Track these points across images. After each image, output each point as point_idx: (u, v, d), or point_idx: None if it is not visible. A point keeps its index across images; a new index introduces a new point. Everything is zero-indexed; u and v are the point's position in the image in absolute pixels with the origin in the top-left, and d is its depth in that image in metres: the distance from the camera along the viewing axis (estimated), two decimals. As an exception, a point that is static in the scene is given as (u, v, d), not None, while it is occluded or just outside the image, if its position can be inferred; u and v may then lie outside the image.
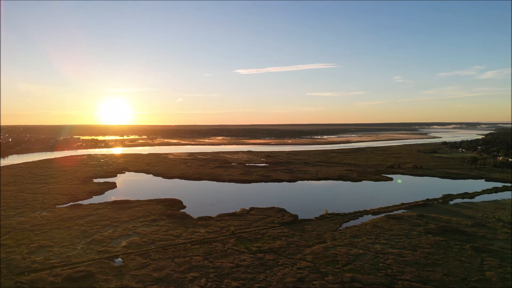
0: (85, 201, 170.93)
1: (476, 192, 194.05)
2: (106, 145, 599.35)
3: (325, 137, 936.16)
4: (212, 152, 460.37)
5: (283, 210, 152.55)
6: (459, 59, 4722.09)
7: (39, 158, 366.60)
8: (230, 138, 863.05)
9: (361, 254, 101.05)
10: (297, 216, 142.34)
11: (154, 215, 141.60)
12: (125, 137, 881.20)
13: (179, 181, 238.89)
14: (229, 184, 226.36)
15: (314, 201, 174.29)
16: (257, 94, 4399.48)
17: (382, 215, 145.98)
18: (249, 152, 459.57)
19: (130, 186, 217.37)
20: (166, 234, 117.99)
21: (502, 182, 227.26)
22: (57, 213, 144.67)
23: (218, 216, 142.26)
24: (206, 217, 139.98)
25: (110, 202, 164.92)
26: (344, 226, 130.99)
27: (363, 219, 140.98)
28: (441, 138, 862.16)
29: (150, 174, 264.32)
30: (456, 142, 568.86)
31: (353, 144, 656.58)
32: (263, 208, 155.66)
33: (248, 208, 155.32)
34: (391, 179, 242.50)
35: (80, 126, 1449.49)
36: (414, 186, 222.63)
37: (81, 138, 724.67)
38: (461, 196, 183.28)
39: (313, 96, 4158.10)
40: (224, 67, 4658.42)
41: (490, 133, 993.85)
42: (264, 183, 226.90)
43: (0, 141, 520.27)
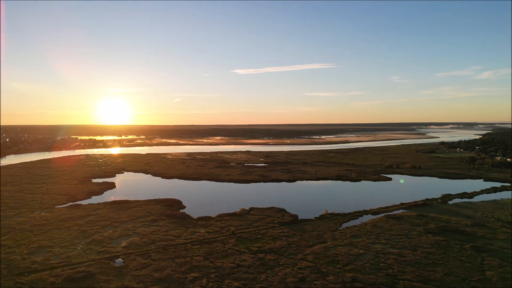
0: (84, 201, 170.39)
1: (475, 192, 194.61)
2: (104, 145, 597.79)
3: (323, 137, 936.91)
4: (210, 152, 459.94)
5: (283, 210, 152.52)
6: (457, 60, 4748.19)
7: (37, 158, 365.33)
8: (228, 138, 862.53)
9: (361, 254, 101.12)
10: (297, 216, 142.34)
11: (153, 215, 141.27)
12: (123, 137, 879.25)
13: (178, 181, 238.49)
14: (228, 184, 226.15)
15: (314, 201, 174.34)
16: (255, 94, 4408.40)
17: (382, 215, 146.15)
18: (247, 152, 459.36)
19: (129, 186, 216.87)
20: (166, 234, 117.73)
21: (501, 182, 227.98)
22: (56, 213, 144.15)
23: (218, 216, 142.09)
24: (206, 217, 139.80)
25: (110, 202, 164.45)
26: (344, 226, 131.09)
27: (363, 219, 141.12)
28: (439, 138, 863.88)
29: (149, 174, 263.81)
30: (454, 142, 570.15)
31: (351, 144, 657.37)
32: (263, 208, 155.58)
33: (248, 208, 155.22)
34: (390, 179, 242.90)
35: (78, 126, 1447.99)
36: (413, 186, 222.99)
37: (79, 138, 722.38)
38: (460, 196, 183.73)
39: (311, 96, 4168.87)
40: (222, 67, 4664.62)
41: (487, 133, 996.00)
42: (263, 183, 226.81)
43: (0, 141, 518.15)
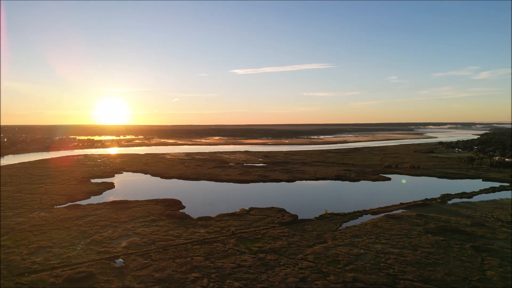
0: (83, 201, 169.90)
1: (474, 191, 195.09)
2: (102, 145, 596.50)
3: (321, 137, 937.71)
4: (209, 152, 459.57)
5: (283, 210, 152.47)
6: (455, 60, 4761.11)
7: (36, 158, 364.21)
8: (227, 138, 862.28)
9: (362, 254, 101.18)
10: (297, 216, 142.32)
11: (153, 216, 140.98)
12: (121, 137, 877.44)
13: (177, 181, 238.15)
14: (227, 184, 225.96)
15: (313, 201, 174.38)
16: (253, 94, 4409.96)
17: (381, 215, 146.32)
18: (246, 152, 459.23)
19: (128, 186, 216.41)
20: (166, 234, 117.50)
21: (499, 182, 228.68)
22: (55, 213, 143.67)
23: (218, 216, 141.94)
24: (206, 217, 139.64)
25: (109, 202, 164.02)
26: (344, 226, 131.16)
27: (363, 219, 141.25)
28: (437, 138, 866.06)
29: (148, 174, 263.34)
30: (452, 142, 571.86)
31: (350, 144, 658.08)
32: (263, 208, 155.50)
33: (247, 208, 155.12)
34: (389, 179, 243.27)
35: (75, 126, 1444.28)
36: (412, 186, 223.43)
37: (77, 138, 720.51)
38: (459, 195, 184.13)
39: (309, 96, 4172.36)
40: (221, 67, 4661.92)
41: (485, 133, 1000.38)
42: (262, 183, 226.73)
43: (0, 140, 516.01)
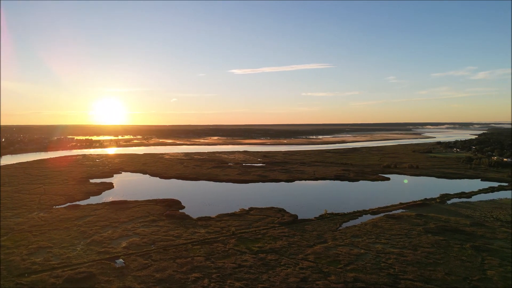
0: (82, 201, 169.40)
1: (472, 191, 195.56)
2: (100, 145, 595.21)
3: (320, 137, 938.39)
4: (208, 152, 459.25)
5: (283, 210, 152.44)
6: (452, 60, 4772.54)
7: (34, 159, 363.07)
8: (225, 138, 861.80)
9: (362, 254, 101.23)
10: (296, 216, 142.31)
11: (153, 216, 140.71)
12: (119, 137, 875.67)
13: (177, 181, 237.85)
14: (226, 184, 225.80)
15: (313, 201, 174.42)
16: (252, 94, 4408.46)
17: (381, 215, 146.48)
18: (245, 152, 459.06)
19: (127, 186, 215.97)
20: (167, 234, 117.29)
21: (498, 181, 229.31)
22: (54, 213, 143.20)
23: (218, 216, 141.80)
24: (205, 217, 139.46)
25: (108, 202, 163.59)
26: (344, 226, 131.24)
27: (363, 219, 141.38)
28: (435, 138, 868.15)
29: (147, 174, 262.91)
30: (450, 142, 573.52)
31: (348, 144, 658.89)
32: (263, 208, 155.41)
33: (247, 208, 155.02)
34: (388, 179, 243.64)
35: (73, 126, 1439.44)
36: (412, 186, 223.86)
37: (75, 138, 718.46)
38: (458, 195, 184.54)
39: (308, 96, 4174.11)
40: (218, 67, 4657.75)
41: (483, 133, 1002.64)
42: (262, 183, 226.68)
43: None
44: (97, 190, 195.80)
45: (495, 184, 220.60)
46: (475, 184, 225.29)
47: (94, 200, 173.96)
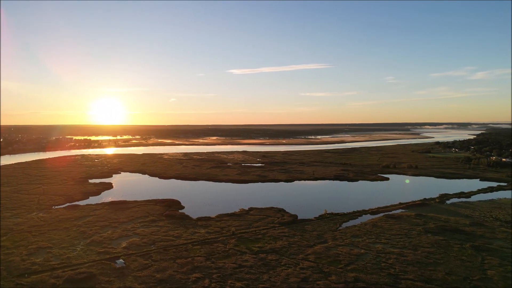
0: (81, 201, 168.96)
1: (472, 191, 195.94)
2: (99, 145, 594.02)
3: (319, 137, 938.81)
4: (207, 152, 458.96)
5: (282, 210, 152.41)
6: (451, 60, 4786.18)
7: (32, 159, 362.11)
8: (224, 138, 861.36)
9: (363, 254, 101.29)
10: (296, 216, 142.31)
11: (153, 216, 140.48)
12: (118, 137, 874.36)
13: (176, 181, 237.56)
14: (226, 184, 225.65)
15: (313, 201, 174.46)
16: (251, 94, 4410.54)
17: (381, 215, 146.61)
18: (244, 152, 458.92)
19: (127, 186, 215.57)
20: (166, 234, 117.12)
21: (497, 181, 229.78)
22: (54, 214, 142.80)
23: (218, 216, 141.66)
24: (205, 217, 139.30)
25: (108, 202, 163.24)
26: (344, 226, 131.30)
27: (362, 219, 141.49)
28: (433, 138, 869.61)
29: (146, 175, 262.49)
30: (449, 142, 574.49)
31: (347, 144, 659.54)
32: (262, 208, 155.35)
33: (247, 208, 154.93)
34: (388, 179, 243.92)
35: (72, 126, 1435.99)
36: (411, 186, 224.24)
37: (73, 138, 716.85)
38: (457, 195, 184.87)
39: (306, 96, 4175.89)
40: (217, 67, 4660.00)
41: (481, 133, 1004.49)
42: (261, 183, 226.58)
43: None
44: (96, 190, 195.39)
45: (494, 184, 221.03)
46: (474, 184, 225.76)
47: (93, 200, 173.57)
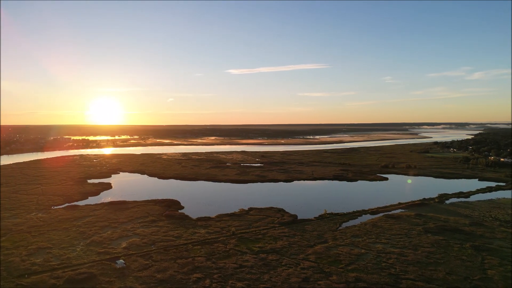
0: (80, 202, 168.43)
1: (470, 191, 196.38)
2: (97, 145, 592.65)
3: (317, 137, 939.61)
4: (206, 152, 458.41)
5: (282, 210, 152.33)
6: (448, 60, 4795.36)
7: (30, 159, 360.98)
8: (223, 138, 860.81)
9: (363, 253, 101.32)
10: (296, 216, 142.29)
11: (152, 216, 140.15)
12: (116, 137, 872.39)
13: (175, 181, 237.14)
14: (225, 184, 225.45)
15: (312, 201, 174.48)
16: (249, 94, 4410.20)
17: (380, 215, 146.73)
18: (243, 152, 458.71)
19: (126, 186, 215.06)
20: (166, 235, 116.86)
21: (495, 181, 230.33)
22: (53, 214, 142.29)
23: (217, 216, 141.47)
24: (205, 217, 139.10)
25: (107, 203, 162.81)
26: (344, 226, 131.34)
27: (362, 219, 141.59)
28: (431, 138, 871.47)
29: (145, 175, 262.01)
30: (447, 142, 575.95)
31: (345, 144, 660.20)
32: (262, 208, 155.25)
33: (247, 208, 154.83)
34: (387, 179, 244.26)
35: (69, 126, 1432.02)
36: (410, 186, 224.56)
37: (71, 138, 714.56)
38: (456, 195, 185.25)
39: (304, 96, 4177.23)
40: (215, 67, 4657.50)
41: (479, 133, 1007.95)
42: (260, 183, 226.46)
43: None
44: (95, 191, 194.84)
45: (493, 184, 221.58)
46: (473, 184, 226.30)
47: (92, 200, 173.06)
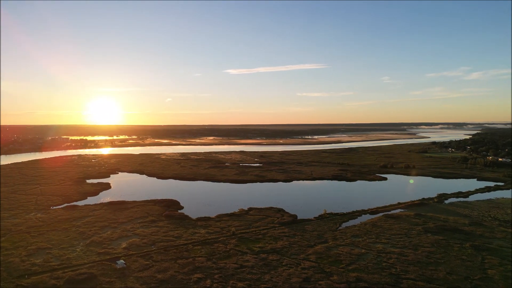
0: (79, 202, 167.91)
1: (469, 191, 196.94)
2: (96, 145, 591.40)
3: (315, 137, 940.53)
4: (204, 152, 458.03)
5: (282, 210, 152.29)
6: (446, 60, 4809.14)
7: (29, 159, 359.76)
8: (221, 138, 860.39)
9: (363, 253, 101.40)
10: (296, 216, 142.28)
11: (152, 216, 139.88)
12: (114, 137, 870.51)
13: (174, 181, 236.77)
14: (224, 184, 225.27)
15: (312, 200, 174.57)
16: (247, 94, 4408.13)
17: (380, 215, 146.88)
18: (241, 152, 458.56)
19: (125, 186, 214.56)
20: (166, 235, 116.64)
21: (494, 181, 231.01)
22: (52, 214, 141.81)
23: (217, 216, 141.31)
24: (205, 217, 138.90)
25: (106, 203, 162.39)
26: (343, 226, 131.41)
27: (362, 219, 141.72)
28: (429, 138, 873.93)
29: (144, 175, 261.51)
30: (445, 142, 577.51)
31: (344, 144, 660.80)
32: (262, 208, 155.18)
33: (246, 208, 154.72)
34: (385, 179, 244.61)
35: (68, 126, 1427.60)
36: (409, 186, 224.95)
37: (69, 138, 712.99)
38: (455, 195, 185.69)
39: (303, 96, 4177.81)
40: (214, 67, 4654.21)
41: (477, 133, 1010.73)
42: (259, 183, 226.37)
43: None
44: (94, 191, 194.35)
45: (491, 183, 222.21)
46: (472, 183, 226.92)
47: (91, 200, 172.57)
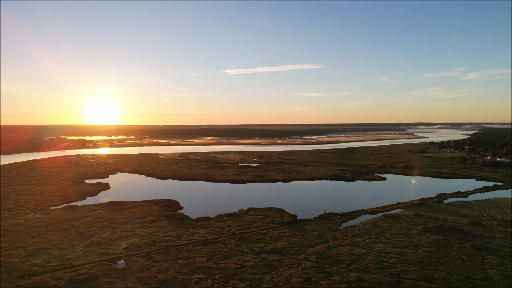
0: (78, 202, 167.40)
1: (468, 191, 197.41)
2: (94, 145, 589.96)
3: (314, 137, 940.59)
4: (203, 152, 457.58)
5: (282, 210, 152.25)
6: (444, 61, 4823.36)
7: (27, 159, 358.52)
8: (220, 138, 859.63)
9: (364, 253, 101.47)
10: (296, 216, 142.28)
11: (152, 216, 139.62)
12: (113, 137, 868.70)
13: (173, 181, 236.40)
14: (224, 184, 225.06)
15: (311, 200, 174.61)
16: (245, 94, 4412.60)
17: (379, 215, 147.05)
18: (240, 152, 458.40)
19: (124, 187, 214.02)
20: (167, 235, 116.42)
21: (493, 181, 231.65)
22: (51, 214, 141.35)
23: (217, 216, 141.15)
24: (205, 217, 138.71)
25: (105, 203, 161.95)
26: (343, 226, 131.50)
27: (362, 219, 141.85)
28: (428, 138, 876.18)
29: (143, 175, 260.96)
30: (443, 142, 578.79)
31: (342, 144, 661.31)
32: (261, 208, 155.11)
33: (246, 208, 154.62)
34: (385, 179, 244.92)
35: (65, 126, 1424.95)
36: (408, 186, 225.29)
37: (68, 138, 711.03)
38: (454, 195, 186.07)
39: (301, 96, 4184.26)
40: (212, 67, 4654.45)
41: (475, 133, 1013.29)
42: (259, 183, 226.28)
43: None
44: (93, 191, 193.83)
45: (490, 183, 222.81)
46: (470, 183, 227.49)
47: (90, 201, 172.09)
